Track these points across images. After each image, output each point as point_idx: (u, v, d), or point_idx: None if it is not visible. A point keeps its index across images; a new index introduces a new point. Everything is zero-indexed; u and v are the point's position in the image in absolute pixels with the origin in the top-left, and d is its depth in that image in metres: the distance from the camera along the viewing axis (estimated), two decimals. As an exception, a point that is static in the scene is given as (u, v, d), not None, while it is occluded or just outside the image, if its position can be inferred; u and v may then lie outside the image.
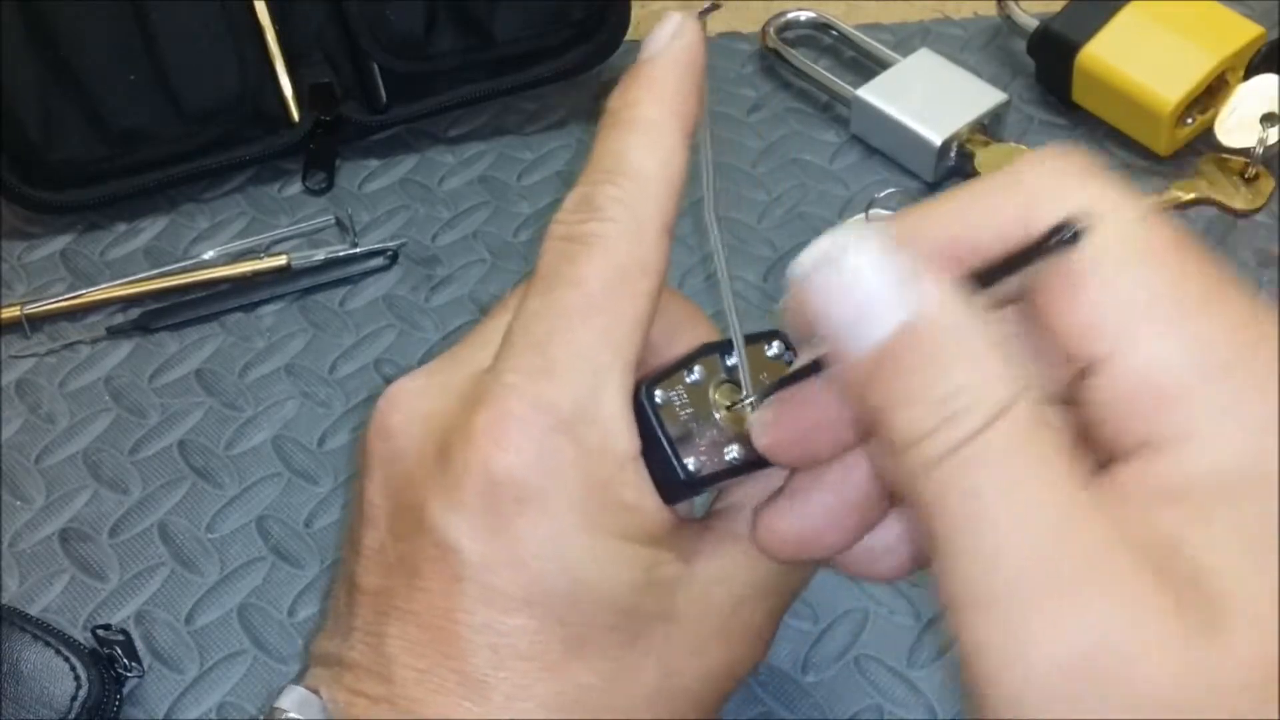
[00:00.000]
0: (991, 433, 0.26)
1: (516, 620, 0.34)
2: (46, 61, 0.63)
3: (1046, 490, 0.26)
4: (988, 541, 0.25)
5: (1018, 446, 0.26)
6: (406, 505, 0.35)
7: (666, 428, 0.35)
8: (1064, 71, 0.67)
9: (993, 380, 0.26)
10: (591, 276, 0.34)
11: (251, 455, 0.58)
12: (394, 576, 0.35)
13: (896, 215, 0.30)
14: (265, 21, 0.66)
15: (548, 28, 0.68)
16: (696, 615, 0.36)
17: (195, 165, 0.66)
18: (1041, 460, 0.26)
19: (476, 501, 0.34)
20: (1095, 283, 0.28)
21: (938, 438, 0.26)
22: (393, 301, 0.64)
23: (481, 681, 0.34)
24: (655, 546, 0.35)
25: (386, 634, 0.35)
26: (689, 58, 0.36)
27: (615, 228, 0.35)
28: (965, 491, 0.26)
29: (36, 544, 0.56)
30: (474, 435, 0.34)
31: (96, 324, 0.63)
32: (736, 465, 0.35)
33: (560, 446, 0.34)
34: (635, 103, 0.36)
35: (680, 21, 0.36)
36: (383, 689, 0.35)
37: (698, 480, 0.35)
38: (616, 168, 0.35)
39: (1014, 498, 0.25)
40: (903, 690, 0.50)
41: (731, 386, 0.36)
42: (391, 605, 0.35)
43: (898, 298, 0.26)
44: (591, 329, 0.34)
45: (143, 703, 0.51)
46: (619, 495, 0.34)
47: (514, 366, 0.34)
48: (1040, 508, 0.25)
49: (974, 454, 0.26)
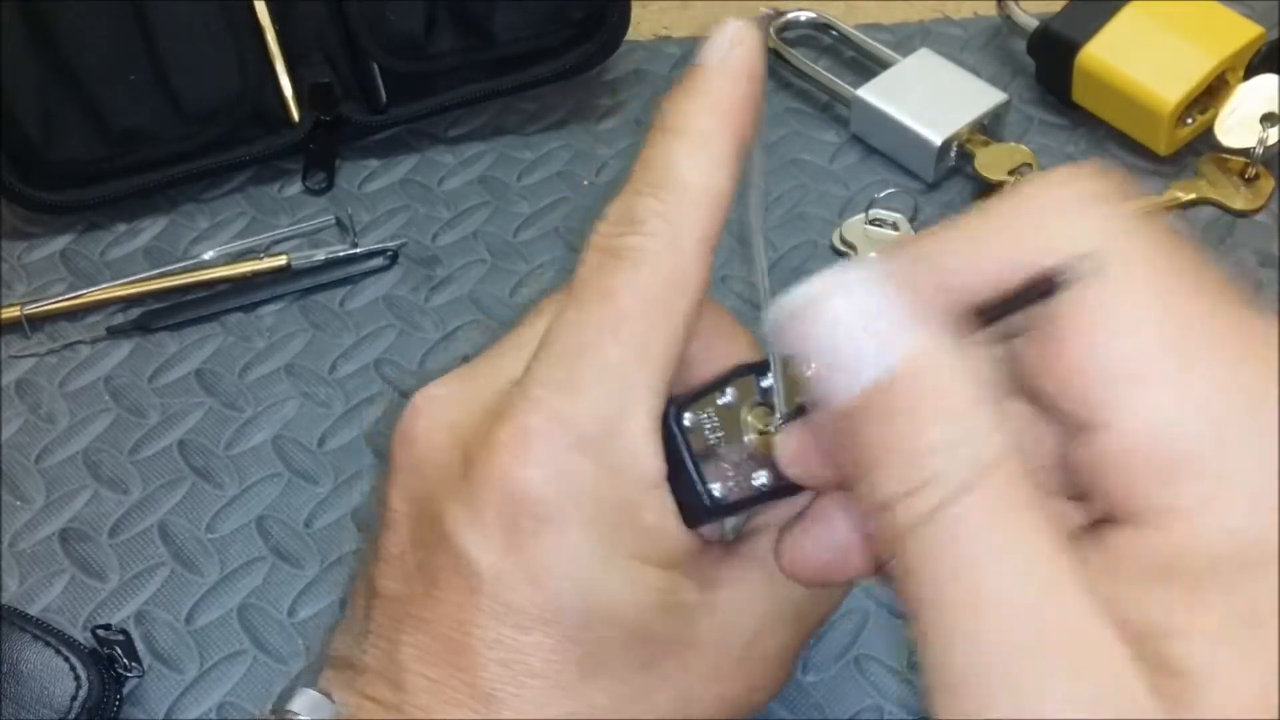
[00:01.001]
0: (971, 498, 0.25)
1: (530, 637, 0.33)
2: (46, 61, 0.63)
3: (1027, 562, 0.25)
4: (963, 620, 0.25)
5: (998, 513, 0.25)
6: (427, 513, 0.35)
7: (694, 452, 0.34)
8: (1064, 71, 0.67)
9: (975, 438, 0.25)
10: (626, 292, 0.34)
11: (251, 455, 0.58)
12: (411, 583, 0.35)
13: (895, 248, 0.29)
14: (265, 21, 0.65)
15: (548, 28, 0.67)
16: (716, 642, 0.35)
17: (195, 165, 0.66)
18: (1023, 528, 0.25)
19: (495, 516, 0.33)
20: (1087, 336, 0.26)
21: (915, 501, 0.25)
22: (393, 301, 0.64)
23: (491, 695, 0.33)
24: (675, 571, 0.34)
25: (401, 641, 0.35)
26: (748, 67, 0.34)
27: (655, 243, 0.34)
28: (941, 562, 0.25)
29: (36, 544, 0.56)
30: (495, 449, 0.33)
31: (96, 324, 0.63)
32: (764, 492, 0.35)
33: (582, 465, 0.33)
34: (687, 111, 0.34)
35: (740, 28, 0.34)
36: (393, 695, 0.34)
37: (723, 507, 0.34)
38: (660, 180, 0.34)
39: (993, 570, 0.25)
40: (903, 690, 0.50)
41: (765, 410, 0.35)
42: (407, 612, 0.35)
43: (881, 346, 0.25)
44: (623, 346, 0.33)
45: (143, 703, 0.51)
46: (640, 517, 0.34)
47: (541, 380, 0.34)
48: (1020, 582, 0.24)
49: (952, 520, 0.25)
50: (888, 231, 0.64)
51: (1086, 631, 0.24)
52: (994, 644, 0.24)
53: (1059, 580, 0.25)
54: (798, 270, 0.63)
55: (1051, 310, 0.26)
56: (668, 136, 0.35)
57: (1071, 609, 0.25)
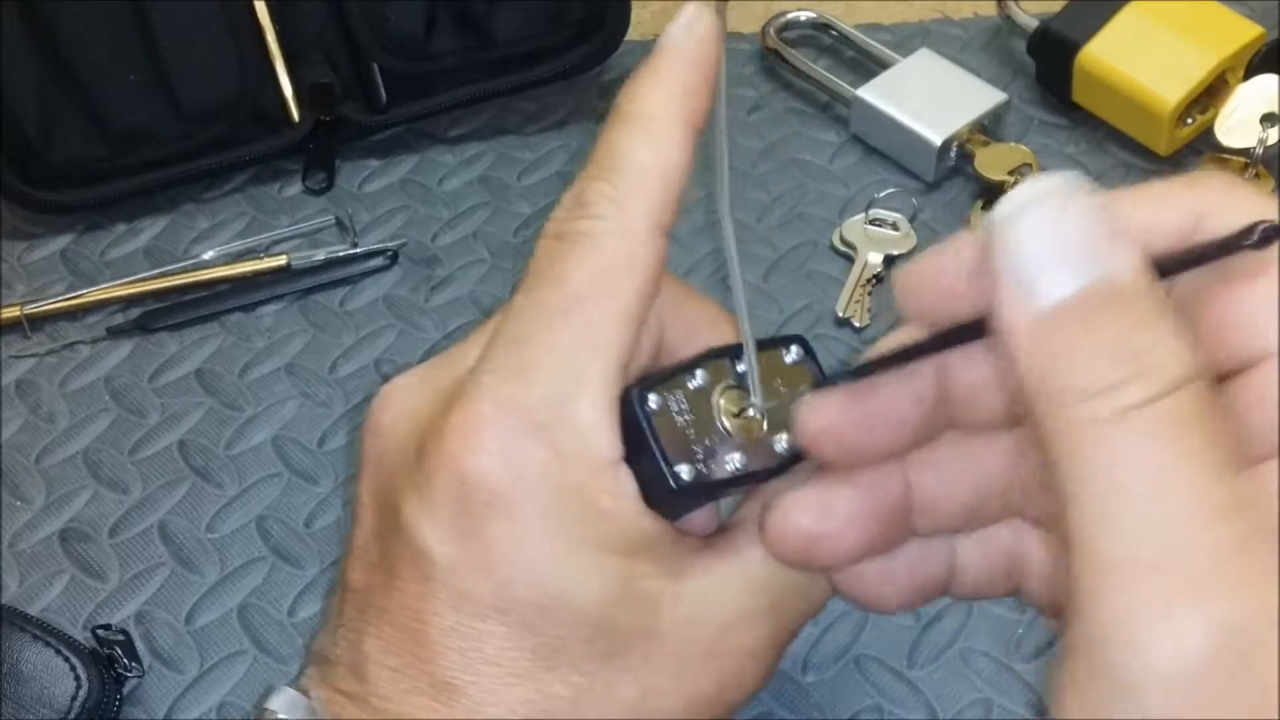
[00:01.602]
0: (1172, 400, 0.25)
1: (485, 625, 0.33)
2: (46, 61, 0.63)
3: (1216, 469, 0.25)
4: (1146, 513, 0.25)
5: (1187, 422, 0.26)
6: (388, 504, 0.35)
7: (658, 434, 0.33)
8: (1064, 71, 0.67)
9: (1174, 354, 0.26)
10: (574, 275, 0.34)
11: (251, 455, 0.58)
12: (374, 574, 0.35)
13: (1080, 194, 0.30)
14: (265, 21, 0.65)
15: (548, 28, 0.68)
16: (682, 634, 0.34)
17: (195, 165, 0.66)
18: (1215, 439, 0.26)
19: (446, 503, 0.33)
20: (1262, 285, 0.28)
21: (1116, 395, 0.26)
22: (393, 301, 0.64)
23: (449, 683, 0.33)
24: (635, 558, 0.34)
25: (365, 632, 0.35)
26: (700, 51, 0.34)
27: (603, 225, 0.34)
28: (1137, 455, 0.25)
29: (36, 544, 0.56)
30: (444, 436, 0.33)
31: (96, 324, 0.63)
32: (739, 475, 0.34)
33: (532, 451, 0.33)
34: (639, 96, 0.35)
35: (694, 13, 0.35)
36: (358, 687, 0.34)
37: (690, 489, 0.34)
38: (611, 165, 0.34)
39: (1177, 473, 0.25)
40: (903, 690, 0.50)
41: (740, 392, 0.35)
42: (370, 603, 0.35)
43: (1105, 250, 0.26)
44: (570, 329, 0.33)
45: (143, 703, 0.51)
46: (594, 502, 0.33)
47: (490, 367, 0.34)
48: (1198, 489, 0.25)
49: (1152, 418, 0.25)
50: (888, 231, 0.64)
51: (1258, 541, 0.25)
52: (1173, 540, 0.25)
53: (1234, 492, 0.25)
54: (798, 270, 0.63)
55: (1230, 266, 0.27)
56: (619, 121, 0.35)
57: (1245, 519, 0.25)
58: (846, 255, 0.64)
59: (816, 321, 0.62)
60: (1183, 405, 0.26)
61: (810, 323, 0.62)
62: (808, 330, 0.61)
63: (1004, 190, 0.64)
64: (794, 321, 0.62)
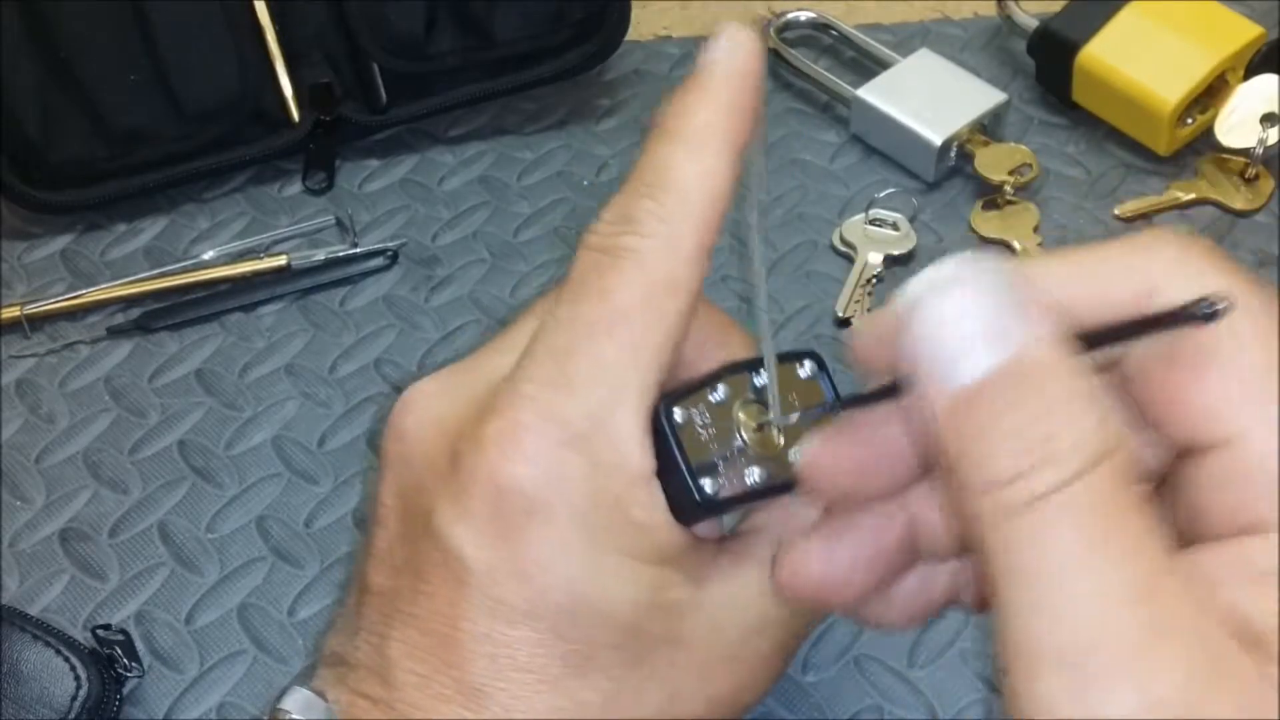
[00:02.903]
0: (1083, 484, 0.25)
1: (517, 632, 0.33)
2: (46, 61, 0.63)
3: (1133, 550, 0.25)
4: (1061, 601, 0.25)
5: (1108, 502, 0.25)
6: (415, 508, 0.35)
7: (684, 448, 0.34)
8: (1064, 71, 0.67)
9: (1090, 431, 0.25)
10: (620, 291, 0.34)
11: (251, 455, 0.58)
12: (400, 578, 0.35)
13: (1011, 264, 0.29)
14: (265, 21, 0.65)
15: (548, 28, 0.67)
16: (705, 641, 0.35)
17: (195, 165, 0.66)
18: (1131, 519, 0.25)
19: (483, 510, 0.33)
20: (1220, 366, 0.27)
21: (1025, 483, 0.25)
22: (393, 301, 0.64)
23: (479, 690, 0.34)
24: (664, 567, 0.34)
25: (390, 636, 0.35)
26: (746, 71, 0.35)
27: (651, 243, 0.34)
28: (1049, 543, 0.25)
29: (36, 544, 0.56)
30: (484, 444, 0.34)
31: (96, 324, 0.63)
32: (757, 489, 0.35)
33: (571, 461, 0.33)
34: (685, 114, 0.35)
35: (739, 32, 0.35)
36: (383, 691, 0.34)
37: (714, 503, 0.34)
38: (658, 182, 0.34)
39: (1101, 554, 0.25)
40: (903, 690, 0.50)
41: (759, 407, 0.35)
42: (396, 608, 0.35)
43: (1008, 331, 0.26)
44: (614, 344, 0.34)
45: (143, 703, 0.51)
46: (628, 513, 0.34)
47: (531, 376, 0.34)
48: (1126, 566, 0.25)
49: (1063, 504, 0.25)
50: (888, 231, 0.64)
51: (1194, 613, 0.25)
52: (1103, 620, 0.25)
53: (1164, 566, 0.25)
54: (798, 270, 0.63)
55: (1167, 342, 0.27)
56: (666, 139, 0.35)
57: (1179, 591, 0.25)
58: (846, 255, 0.64)
59: (816, 321, 0.62)
60: (1096, 488, 0.25)
61: (810, 323, 0.62)
62: (808, 330, 0.61)
63: (1004, 190, 0.64)
64: (794, 322, 0.62)
